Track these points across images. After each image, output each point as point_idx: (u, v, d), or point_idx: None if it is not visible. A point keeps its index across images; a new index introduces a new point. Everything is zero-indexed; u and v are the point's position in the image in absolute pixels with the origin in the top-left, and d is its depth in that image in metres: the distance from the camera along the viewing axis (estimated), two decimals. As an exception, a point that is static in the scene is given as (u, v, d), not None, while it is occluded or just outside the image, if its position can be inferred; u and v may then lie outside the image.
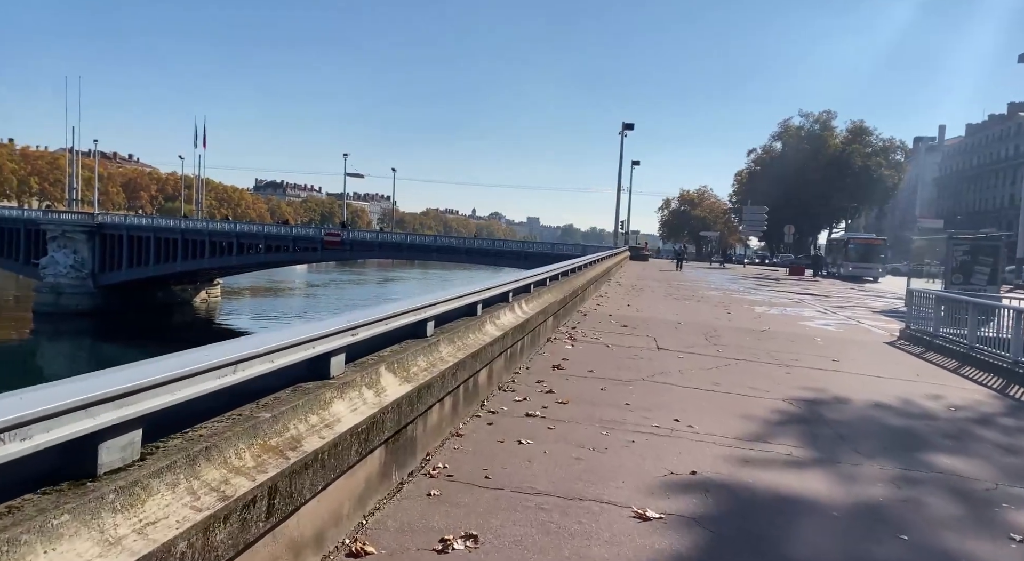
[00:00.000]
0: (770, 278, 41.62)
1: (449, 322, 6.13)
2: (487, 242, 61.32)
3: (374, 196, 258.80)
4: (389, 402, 3.86)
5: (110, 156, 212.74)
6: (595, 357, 9.29)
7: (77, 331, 52.09)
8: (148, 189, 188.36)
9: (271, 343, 2.95)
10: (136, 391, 2.15)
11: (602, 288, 21.41)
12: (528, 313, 8.55)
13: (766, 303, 21.33)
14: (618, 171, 58.11)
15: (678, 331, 12.81)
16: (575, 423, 6.01)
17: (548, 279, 11.52)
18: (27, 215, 61.43)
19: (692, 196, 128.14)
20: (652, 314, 15.51)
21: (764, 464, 5.34)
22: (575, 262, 16.82)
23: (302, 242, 60.46)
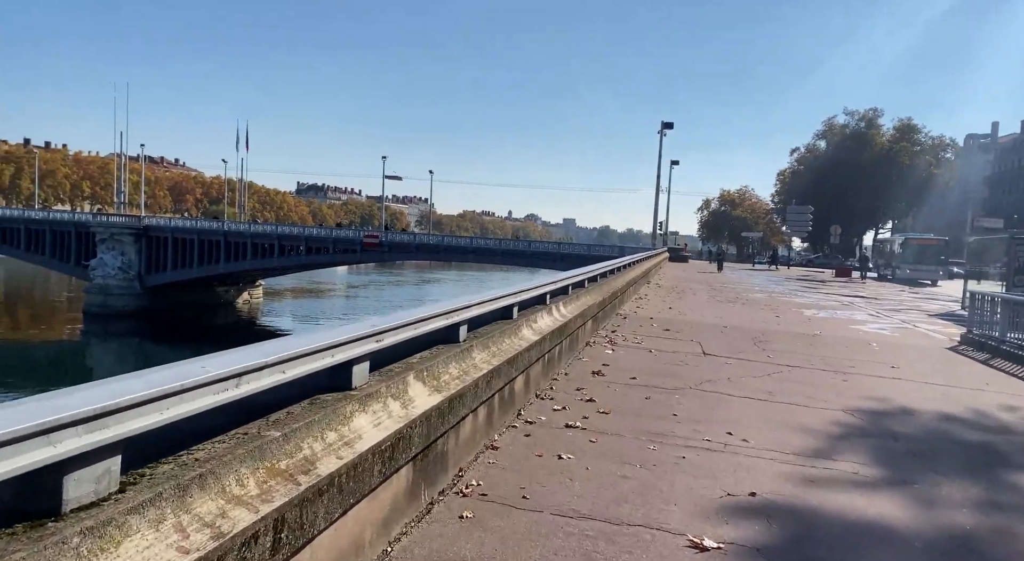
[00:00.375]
0: (815, 280, 40.38)
1: (483, 326, 5.77)
2: (523, 243, 61.01)
3: (412, 198, 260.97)
4: (417, 415, 3.50)
5: (157, 161, 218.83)
6: (637, 363, 8.83)
7: (125, 331, 53.32)
8: (193, 192, 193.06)
9: (283, 352, 2.62)
10: (112, 411, 1.83)
11: (641, 290, 20.85)
12: (566, 316, 8.15)
13: (814, 306, 20.51)
14: (657, 171, 57.27)
15: (724, 335, 12.24)
16: (619, 436, 5.58)
17: (586, 281, 11.09)
18: (77, 218, 63.23)
19: (733, 196, 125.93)
20: (695, 317, 14.94)
21: (830, 484, 4.85)
22: (613, 263, 16.33)
23: (341, 244, 61.01)
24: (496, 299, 5.73)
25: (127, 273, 60.33)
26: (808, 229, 56.36)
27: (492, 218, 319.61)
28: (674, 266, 46.23)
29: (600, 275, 13.22)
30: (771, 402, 7.29)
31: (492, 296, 5.62)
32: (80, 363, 43.05)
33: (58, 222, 63.01)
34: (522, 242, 61.72)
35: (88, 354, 46.62)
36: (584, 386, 7.18)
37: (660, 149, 55.78)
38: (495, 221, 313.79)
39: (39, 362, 40.90)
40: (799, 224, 54.38)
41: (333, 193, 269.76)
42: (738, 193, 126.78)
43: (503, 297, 5.96)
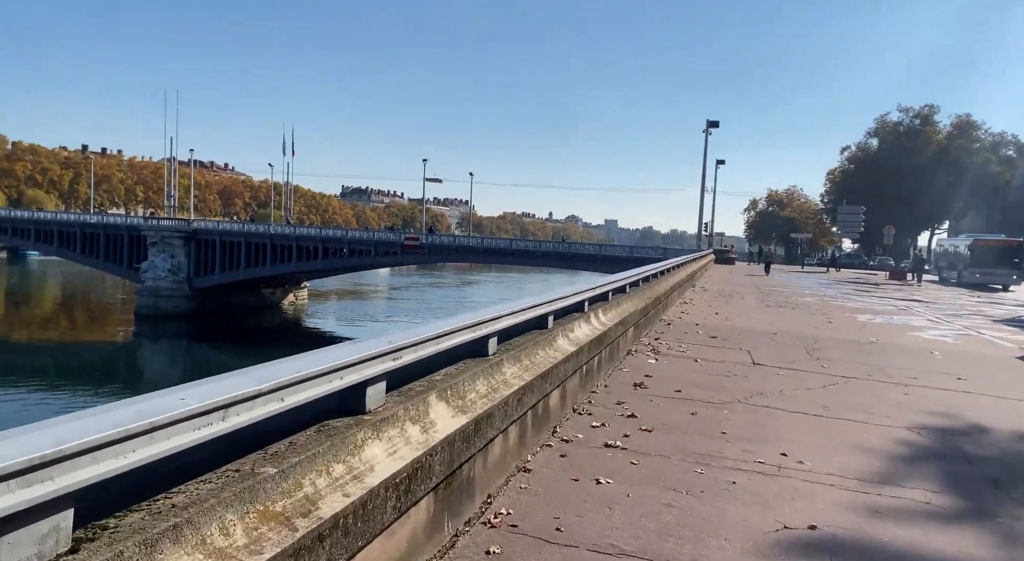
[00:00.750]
0: (868, 283, 38.94)
1: (515, 337, 5.43)
2: (563, 245, 60.49)
3: (453, 201, 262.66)
4: (439, 440, 3.18)
5: (207, 165, 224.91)
6: (682, 374, 8.37)
7: (174, 332, 54.59)
8: (242, 196, 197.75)
9: (281, 377, 2.32)
10: (58, 460, 1.55)
11: (686, 294, 20.25)
12: (606, 324, 7.75)
13: (868, 311, 19.60)
14: (702, 170, 56.18)
15: (774, 343, 11.66)
16: (663, 457, 5.17)
17: (627, 285, 10.66)
18: (130, 222, 65.04)
19: (780, 196, 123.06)
20: (743, 323, 14.34)
21: (899, 516, 4.36)
22: (657, 267, 15.82)
23: (383, 246, 61.54)
24: (528, 308, 5.38)
25: (176, 275, 61.84)
26: (860, 230, 54.46)
27: (532, 220, 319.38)
28: (720, 268, 45.17)
29: (643, 279, 12.76)
30: (827, 418, 6.77)
31: (524, 305, 5.27)
32: (132, 364, 44.23)
33: (111, 226, 64.95)
34: (562, 244, 61.20)
35: (139, 355, 47.88)
36: (625, 400, 6.77)
37: (705, 148, 54.75)
38: (535, 223, 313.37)
39: (94, 363, 42.07)
40: (851, 225, 52.62)
41: (376, 196, 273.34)
42: (786, 193, 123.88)
43: (536, 306, 5.62)
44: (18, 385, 31.51)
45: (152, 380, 39.69)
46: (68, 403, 28.50)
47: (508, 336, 5.25)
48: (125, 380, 37.85)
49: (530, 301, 5.56)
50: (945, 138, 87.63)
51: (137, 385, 37.29)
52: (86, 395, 30.41)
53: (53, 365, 38.97)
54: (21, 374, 34.27)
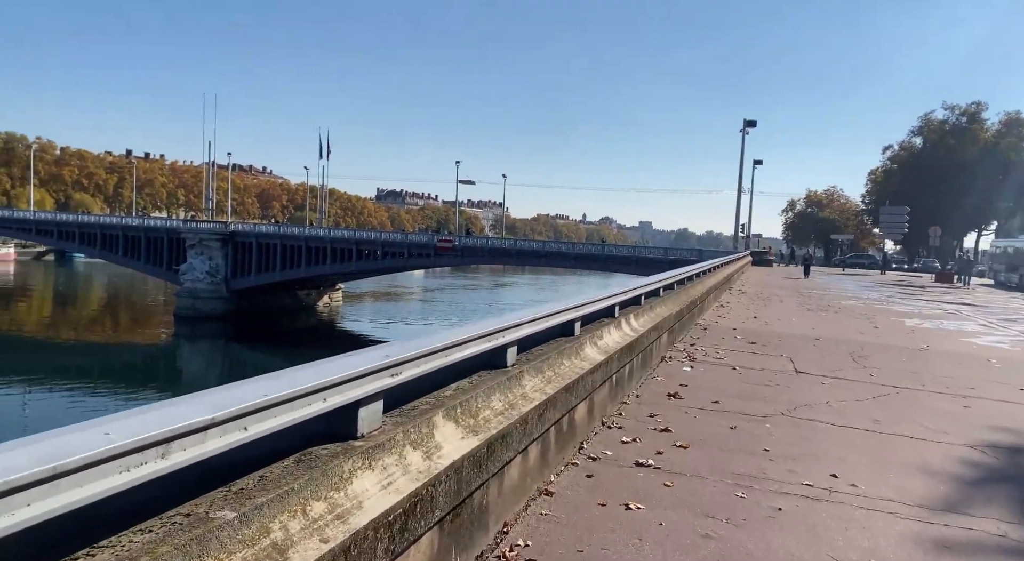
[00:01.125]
0: (913, 285, 37.57)
1: (538, 345, 5.03)
2: (596, 247, 59.81)
3: (486, 203, 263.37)
4: (444, 468, 2.80)
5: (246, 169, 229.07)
6: (720, 383, 7.87)
7: (212, 333, 55.39)
8: (279, 199, 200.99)
9: (242, 403, 1.95)
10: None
11: (723, 297, 19.60)
12: (638, 330, 7.30)
13: (916, 315, 18.71)
14: (739, 171, 55.03)
15: (818, 349, 11.04)
16: (700, 478, 4.72)
17: (661, 289, 10.17)
18: (169, 225, 66.25)
19: (820, 197, 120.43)
20: (783, 328, 13.70)
21: (971, 552, 3.85)
22: (692, 269, 15.27)
23: (416, 248, 61.69)
24: (552, 315, 4.98)
25: (214, 277, 62.75)
26: (904, 231, 52.68)
27: (566, 221, 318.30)
28: (758, 270, 44.09)
29: (677, 282, 12.25)
30: (880, 433, 6.22)
31: (547, 311, 4.87)
32: (170, 365, 44.99)
33: (152, 229, 66.22)
34: (595, 246, 60.53)
35: (177, 356, 48.68)
36: (658, 412, 6.31)
37: (742, 148, 53.61)
38: (569, 225, 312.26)
39: (134, 364, 42.89)
40: (894, 226, 50.89)
41: (411, 198, 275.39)
42: (825, 193, 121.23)
43: (561, 312, 5.21)
44: (62, 384, 32.34)
45: (189, 381, 40.32)
46: (107, 403, 29.16)
47: (531, 344, 4.86)
48: (164, 380, 38.46)
49: (554, 307, 5.16)
50: (993, 136, 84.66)
51: (176, 385, 37.93)
52: (126, 396, 30.97)
53: (96, 365, 39.59)
54: (66, 374, 35.13)
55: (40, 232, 70.82)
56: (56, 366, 37.12)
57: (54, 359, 39.81)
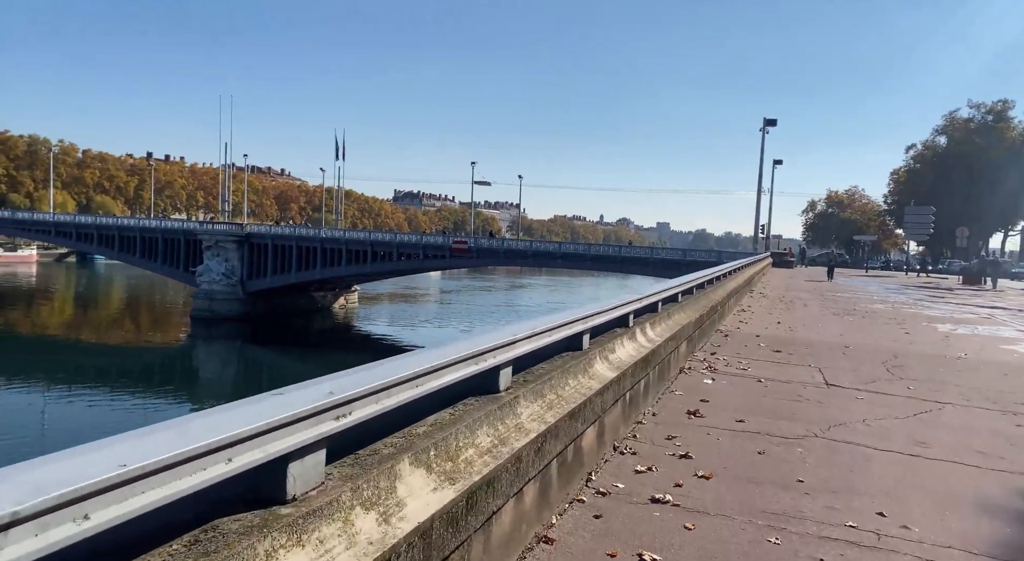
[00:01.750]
0: (940, 288, 36.43)
1: (540, 362, 4.41)
2: (613, 249, 59.05)
3: (503, 204, 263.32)
4: (405, 534, 2.19)
5: (264, 171, 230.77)
6: (744, 397, 7.20)
7: (228, 335, 55.45)
8: (297, 201, 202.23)
9: (88, 480, 1.36)
10: None
11: (744, 301, 18.85)
12: (655, 340, 6.66)
13: (948, 319, 17.83)
14: (759, 170, 53.97)
15: (848, 358, 10.31)
16: (725, 517, 4.07)
17: (680, 294, 9.50)
18: (186, 226, 66.41)
19: (841, 197, 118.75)
20: (809, 334, 12.96)
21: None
22: (711, 272, 14.57)
23: (431, 250, 61.38)
24: (555, 328, 4.35)
25: (230, 279, 62.81)
26: (930, 232, 51.30)
27: (583, 223, 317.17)
28: (778, 272, 43.12)
29: (696, 286, 11.57)
30: (928, 459, 5.53)
31: (549, 324, 4.24)
32: (187, 367, 45.01)
33: (169, 230, 66.41)
34: (612, 247, 59.78)
35: (194, 358, 48.75)
36: (676, 433, 5.67)
37: (762, 148, 52.53)
38: (586, 226, 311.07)
39: (152, 366, 42.97)
40: (919, 226, 49.52)
41: (428, 200, 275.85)
42: (846, 194, 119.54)
43: (565, 325, 4.58)
44: (79, 385, 32.38)
45: (206, 383, 40.22)
46: (122, 405, 29.42)
47: (530, 362, 4.24)
48: (180, 382, 38.59)
49: (558, 318, 4.54)
50: (1020, 134, 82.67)
51: (192, 388, 37.90)
52: (142, 398, 31.30)
53: (114, 366, 39.74)
54: (83, 375, 35.18)
55: (59, 234, 71.35)
56: (74, 367, 37.31)
57: (72, 360, 40.06)
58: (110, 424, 25.88)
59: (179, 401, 32.15)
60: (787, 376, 8.52)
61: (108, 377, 35.64)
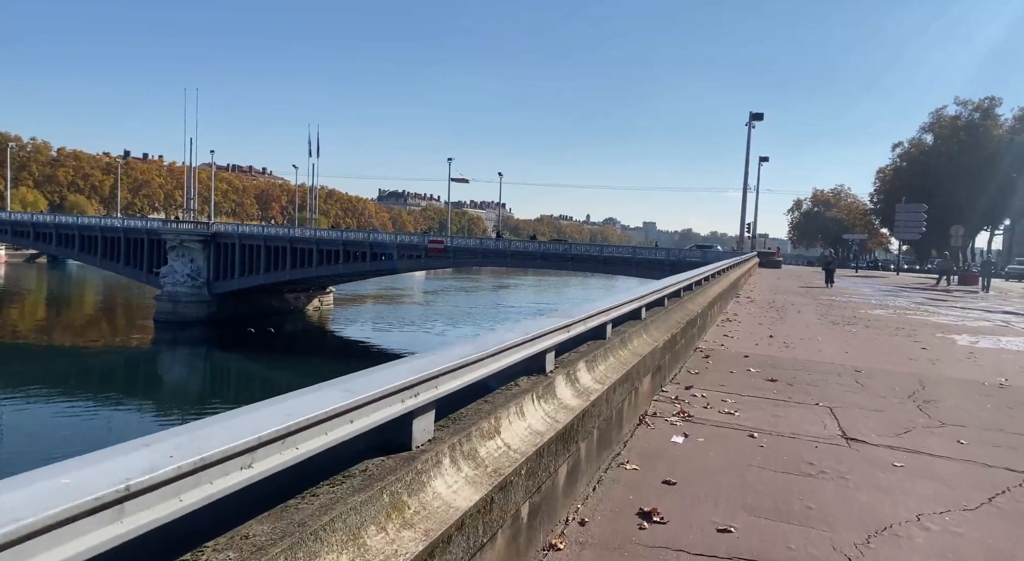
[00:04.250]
0: (936, 289, 34.43)
1: (353, 465, 2.06)
2: (595, 248, 56.83)
3: (489, 203, 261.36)
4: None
5: (245, 170, 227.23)
6: (731, 471, 4.78)
7: (193, 339, 53.19)
8: (279, 200, 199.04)
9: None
10: None
11: (729, 307, 16.54)
12: (593, 389, 4.24)
13: (962, 328, 15.56)
14: (744, 167, 51.86)
15: (863, 390, 7.95)
16: None
17: (644, 308, 7.08)
18: (149, 225, 63.53)
19: (827, 196, 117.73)
20: (809, 353, 10.61)
21: None
22: (691, 276, 12.22)
23: (406, 249, 59.20)
24: (411, 386, 2.01)
25: (195, 280, 60.24)
26: (922, 230, 49.38)
27: (570, 222, 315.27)
28: (767, 273, 40.97)
29: (671, 295, 9.20)
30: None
31: (396, 384, 1.97)
32: (148, 372, 42.65)
33: (131, 230, 63.49)
34: (594, 247, 57.58)
35: (156, 362, 46.45)
36: (616, 566, 3.26)
37: (748, 143, 50.39)
38: (573, 225, 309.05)
39: (112, 371, 40.16)
40: (911, 225, 47.59)
41: (413, 199, 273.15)
42: (832, 193, 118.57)
43: (447, 373, 2.23)
44: (37, 391, 30.79)
45: (168, 389, 37.83)
46: (81, 411, 28.41)
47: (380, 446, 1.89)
48: (140, 389, 36.49)
49: (389, 378, 2.13)
50: (1007, 132, 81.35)
51: (153, 394, 35.51)
52: (96, 405, 29.87)
53: (74, 372, 37.75)
54: (42, 380, 33.22)
55: (16, 233, 68.16)
56: (32, 372, 35.35)
57: (29, 364, 38.10)
58: (64, 431, 25.05)
59: (136, 408, 30.55)
60: (789, 424, 6.13)
61: (65, 383, 33.66)
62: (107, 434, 26.84)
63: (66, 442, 24.01)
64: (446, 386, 2.45)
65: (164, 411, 30.61)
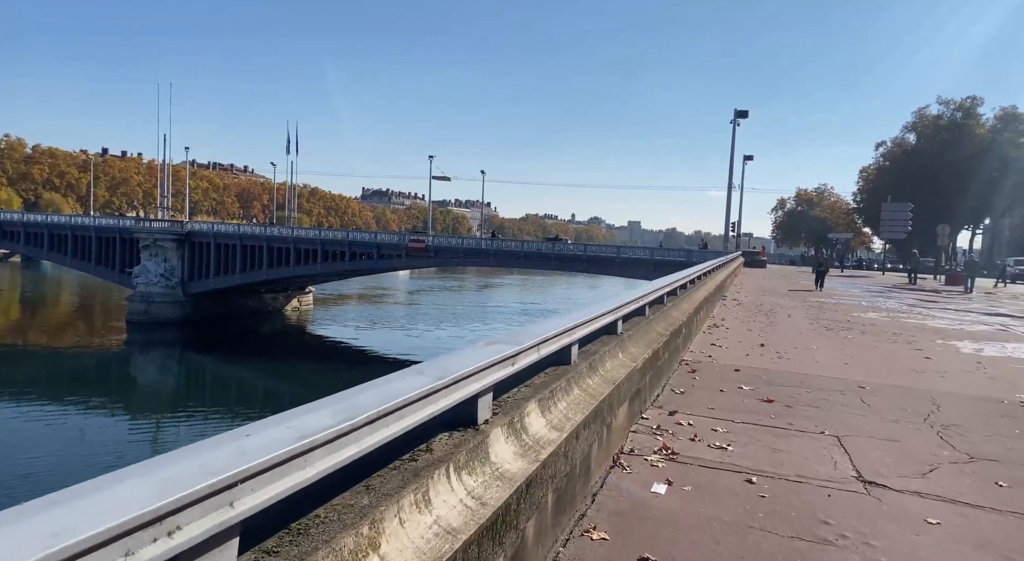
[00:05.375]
0: (924, 289, 33.77)
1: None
2: (578, 248, 55.91)
3: (475, 203, 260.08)
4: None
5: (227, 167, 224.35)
6: (724, 538, 3.71)
7: (166, 341, 51.95)
8: (261, 199, 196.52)
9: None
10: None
11: (715, 310, 15.57)
12: (546, 442, 3.16)
13: (963, 334, 14.65)
14: (729, 165, 51.13)
15: (872, 411, 6.95)
16: None
17: (620, 321, 6.02)
18: (122, 224, 61.82)
19: (810, 195, 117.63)
20: (805, 364, 9.61)
21: None
22: (677, 279, 11.20)
23: (386, 249, 58.07)
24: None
25: (169, 280, 58.80)
26: (908, 229, 48.84)
27: (555, 222, 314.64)
28: (751, 273, 40.17)
29: (653, 302, 8.17)
30: None
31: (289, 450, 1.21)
32: (122, 374, 41.46)
33: (103, 228, 61.79)
34: (578, 246, 56.65)
35: (130, 365, 45.10)
36: None
37: (733, 140, 49.66)
38: (558, 225, 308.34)
39: (83, 374, 38.76)
40: (897, 224, 47.03)
41: (397, 198, 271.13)
42: (816, 192, 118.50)
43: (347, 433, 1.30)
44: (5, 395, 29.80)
45: (140, 392, 36.57)
46: (48, 414, 27.67)
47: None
48: (110, 392, 35.19)
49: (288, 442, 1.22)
50: (989, 131, 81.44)
51: (124, 397, 34.22)
52: (70, 406, 29.20)
53: (43, 374, 36.67)
54: (9, 383, 32.28)
55: (-19, 232, 66.07)
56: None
57: None
58: (27, 435, 24.33)
59: (106, 412, 29.64)
60: (793, 461, 5.10)
61: (33, 386, 32.79)
62: (78, 436, 25.81)
63: (31, 446, 22.98)
64: (256, 500, 1.40)
65: (134, 415, 29.59)
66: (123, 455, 23.06)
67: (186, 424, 28.67)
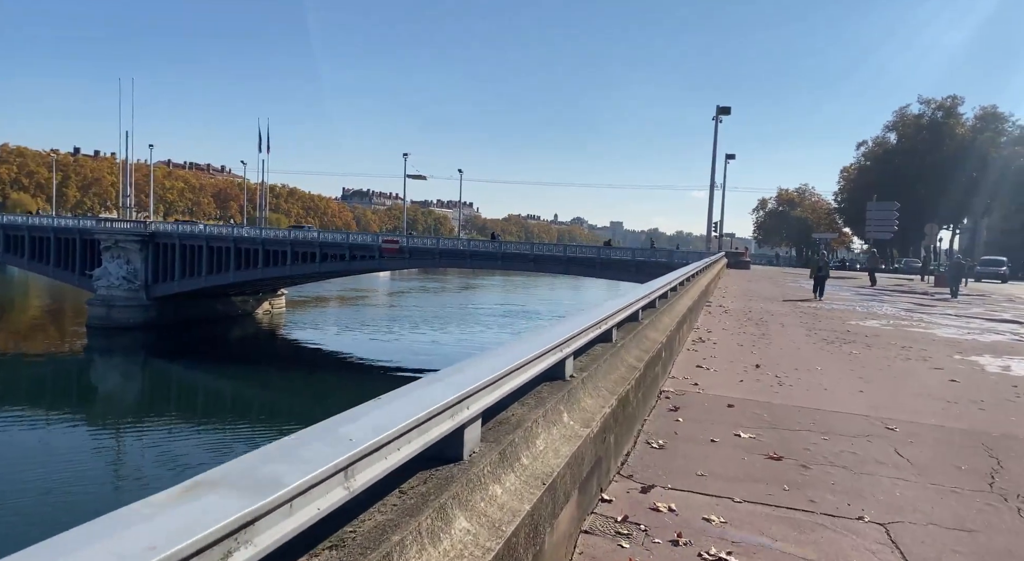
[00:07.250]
0: (915, 292, 32.39)
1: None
2: (558, 249, 54.16)
3: (456, 203, 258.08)
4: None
5: (203, 167, 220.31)
6: None
7: (128, 346, 49.76)
8: (238, 199, 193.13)
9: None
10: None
11: (700, 320, 13.82)
12: None
13: (979, 346, 12.97)
14: (712, 163, 49.67)
15: (918, 470, 5.15)
16: None
17: (570, 359, 4.14)
18: (81, 224, 59.18)
19: (791, 195, 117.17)
20: (813, 393, 7.82)
21: None
22: (660, 284, 9.42)
23: (359, 250, 56.03)
24: None
25: (132, 283, 56.32)
26: (894, 229, 47.66)
27: (538, 222, 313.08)
28: (735, 275, 38.59)
29: (628, 318, 6.35)
30: None
31: None
32: (82, 382, 39.51)
33: (62, 229, 59.14)
34: (557, 247, 54.92)
35: (90, 372, 42.96)
36: None
37: (715, 137, 48.20)
38: (541, 225, 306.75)
39: (41, 381, 37.11)
40: (884, 223, 45.80)
41: (378, 198, 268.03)
42: (797, 192, 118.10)
43: None
44: None
45: (100, 400, 34.71)
46: None
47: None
48: (79, 397, 34.35)
49: None
50: (969, 131, 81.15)
51: (86, 406, 32.24)
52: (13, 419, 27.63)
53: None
54: None
55: (-69, 234, 63.01)
56: None
57: None
58: None
59: (63, 422, 28.17)
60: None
61: None
62: (37, 446, 23.98)
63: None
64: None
65: (91, 425, 28.02)
66: (80, 466, 21.58)
67: (147, 434, 26.91)
